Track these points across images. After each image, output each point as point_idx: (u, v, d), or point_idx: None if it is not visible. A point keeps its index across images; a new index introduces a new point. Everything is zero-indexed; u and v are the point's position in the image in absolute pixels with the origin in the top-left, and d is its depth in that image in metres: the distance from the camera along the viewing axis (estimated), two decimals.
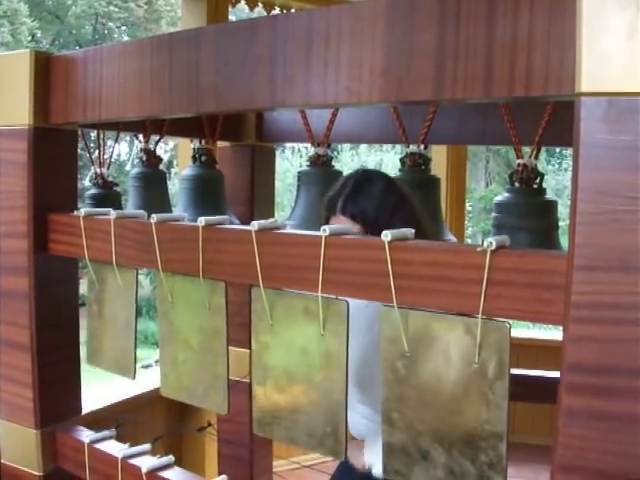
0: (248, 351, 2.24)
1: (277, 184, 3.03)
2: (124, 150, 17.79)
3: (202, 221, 1.38)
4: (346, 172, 2.01)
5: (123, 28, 20.94)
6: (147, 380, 3.29)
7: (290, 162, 18.14)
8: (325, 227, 1.20)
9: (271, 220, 1.33)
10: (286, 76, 1.25)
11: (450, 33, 1.04)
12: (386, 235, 1.11)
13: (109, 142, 2.19)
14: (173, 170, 13.57)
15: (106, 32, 20.59)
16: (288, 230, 1.36)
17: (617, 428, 0.90)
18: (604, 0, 0.87)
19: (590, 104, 0.89)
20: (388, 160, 17.88)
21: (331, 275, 1.20)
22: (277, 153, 2.90)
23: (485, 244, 1.02)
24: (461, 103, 1.73)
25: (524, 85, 0.98)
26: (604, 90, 0.88)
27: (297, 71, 1.24)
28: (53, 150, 1.73)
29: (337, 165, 2.19)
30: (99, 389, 3.06)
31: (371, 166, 17.99)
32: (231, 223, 1.47)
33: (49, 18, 20.45)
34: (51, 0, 20.27)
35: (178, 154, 3.66)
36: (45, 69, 1.67)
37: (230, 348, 1.48)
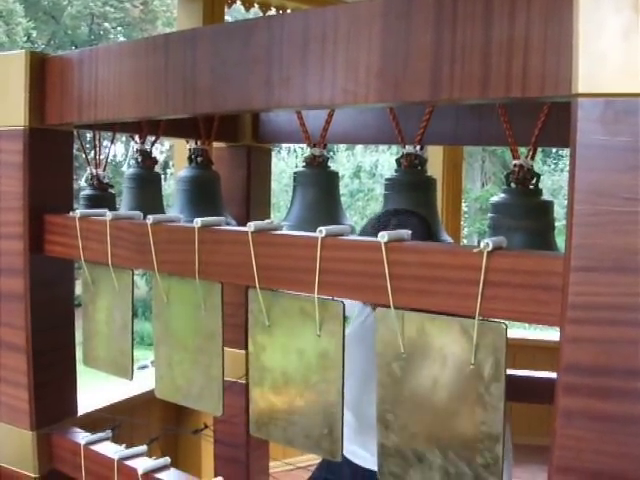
0: (244, 352, 2.25)
1: (273, 185, 3.01)
2: (120, 151, 17.76)
3: (198, 222, 1.38)
4: (342, 172, 2.01)
5: (119, 29, 20.91)
6: (143, 381, 3.28)
7: (286, 163, 18.12)
8: (321, 228, 1.19)
9: (268, 221, 1.32)
10: (282, 77, 1.25)
11: (447, 34, 1.04)
12: (383, 236, 1.11)
13: (105, 143, 2.17)
14: (169, 171, 13.55)
15: (102, 33, 20.55)
16: (284, 231, 1.35)
17: (614, 429, 0.90)
18: (601, 1, 0.87)
19: (587, 105, 0.89)
20: (384, 161, 17.86)
21: (327, 276, 1.20)
22: (273, 154, 2.89)
23: (482, 245, 1.02)
24: (457, 104, 1.73)
25: (521, 86, 0.98)
26: (601, 91, 0.88)
27: (293, 72, 1.23)
28: (49, 151, 1.72)
29: (333, 166, 2.18)
30: (95, 393, 3.04)
31: (367, 166, 17.97)
32: (227, 224, 1.46)
33: (44, 18, 20.40)
34: (47, 0, 20.22)
35: (174, 155, 3.66)
36: (40, 70, 1.67)
37: (226, 349, 1.47)
